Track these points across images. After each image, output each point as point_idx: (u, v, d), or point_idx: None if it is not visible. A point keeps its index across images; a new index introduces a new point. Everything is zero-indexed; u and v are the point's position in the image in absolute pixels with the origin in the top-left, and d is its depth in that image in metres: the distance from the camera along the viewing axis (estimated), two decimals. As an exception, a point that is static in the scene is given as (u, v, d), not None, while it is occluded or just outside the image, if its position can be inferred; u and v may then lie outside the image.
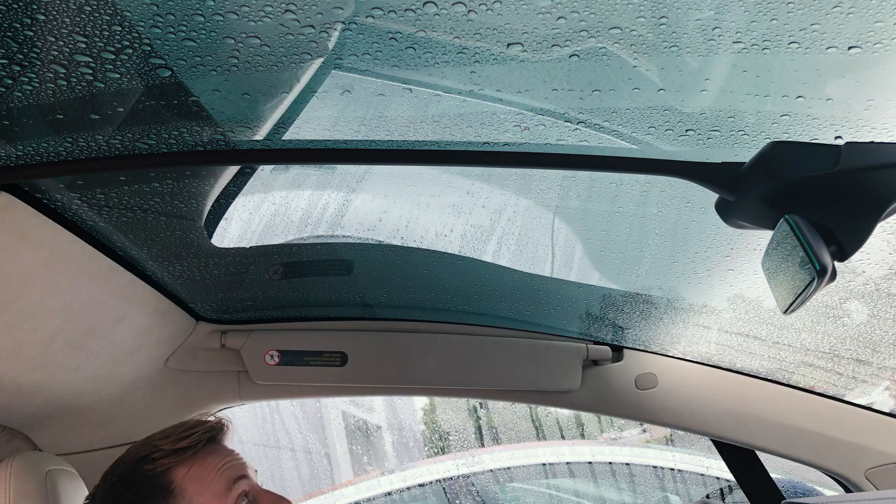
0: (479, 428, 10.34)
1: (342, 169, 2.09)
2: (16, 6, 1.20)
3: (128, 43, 1.33)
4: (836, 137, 1.66)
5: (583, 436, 10.21)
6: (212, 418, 2.12)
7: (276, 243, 2.42)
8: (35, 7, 1.22)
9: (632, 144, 1.79)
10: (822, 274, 1.36)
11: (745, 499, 2.96)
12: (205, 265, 2.43)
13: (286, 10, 1.28)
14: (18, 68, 1.36)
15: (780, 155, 1.47)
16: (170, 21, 1.29)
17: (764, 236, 1.57)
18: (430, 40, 1.43)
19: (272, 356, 2.81)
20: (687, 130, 1.70)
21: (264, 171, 2.08)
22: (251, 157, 1.85)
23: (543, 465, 7.57)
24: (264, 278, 2.63)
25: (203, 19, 1.29)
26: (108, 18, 1.26)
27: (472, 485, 7.31)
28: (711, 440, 2.92)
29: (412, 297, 2.84)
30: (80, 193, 1.87)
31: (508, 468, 7.50)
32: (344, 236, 2.40)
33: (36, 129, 1.56)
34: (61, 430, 2.71)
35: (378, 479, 7.49)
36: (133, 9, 1.26)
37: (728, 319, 2.70)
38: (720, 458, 2.99)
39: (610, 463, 7.50)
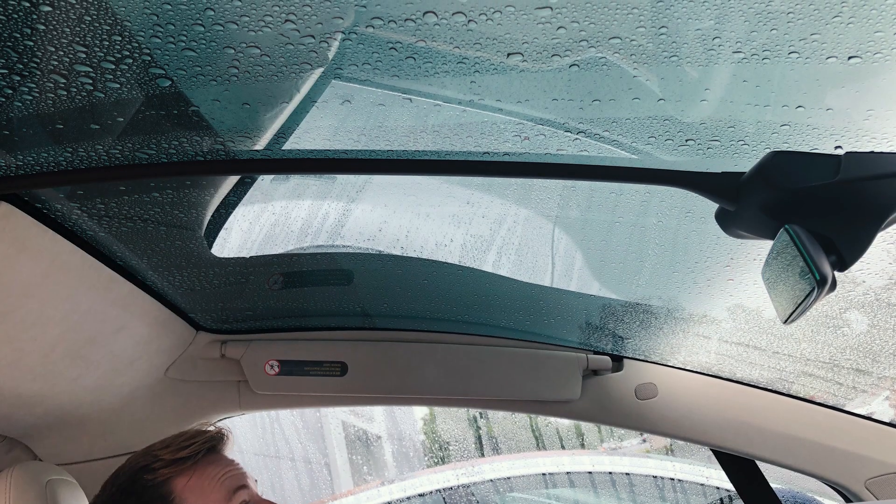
0: (479, 438, 10.34)
1: (342, 179, 2.09)
2: (16, 16, 1.21)
3: (128, 53, 1.33)
4: (836, 147, 1.66)
5: (583, 445, 10.21)
6: (212, 428, 2.12)
7: (276, 253, 2.42)
8: (35, 17, 1.22)
9: (632, 154, 1.79)
10: (822, 284, 1.36)
11: (746, 509, 2.96)
12: (205, 275, 2.43)
13: (286, 21, 1.29)
14: (18, 78, 1.36)
15: (780, 165, 1.47)
16: (170, 31, 1.29)
17: (764, 246, 1.57)
18: (430, 50, 1.43)
19: (272, 366, 2.81)
20: (687, 140, 1.70)
21: (264, 182, 2.08)
22: (251, 167, 1.85)
23: (543, 474, 7.57)
24: (264, 288, 2.63)
25: (203, 29, 1.29)
26: (108, 28, 1.27)
27: (473, 495, 7.30)
28: (711, 450, 2.92)
29: (412, 307, 2.84)
30: (80, 203, 1.87)
31: (508, 478, 7.49)
32: (344, 246, 2.40)
33: (36, 139, 1.56)
34: (61, 440, 2.71)
35: (378, 489, 7.49)
36: (133, 19, 1.26)
37: (728, 329, 2.70)
38: (720, 468, 2.98)
39: (610, 473, 7.49)
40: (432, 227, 2.30)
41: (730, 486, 2.99)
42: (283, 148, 1.74)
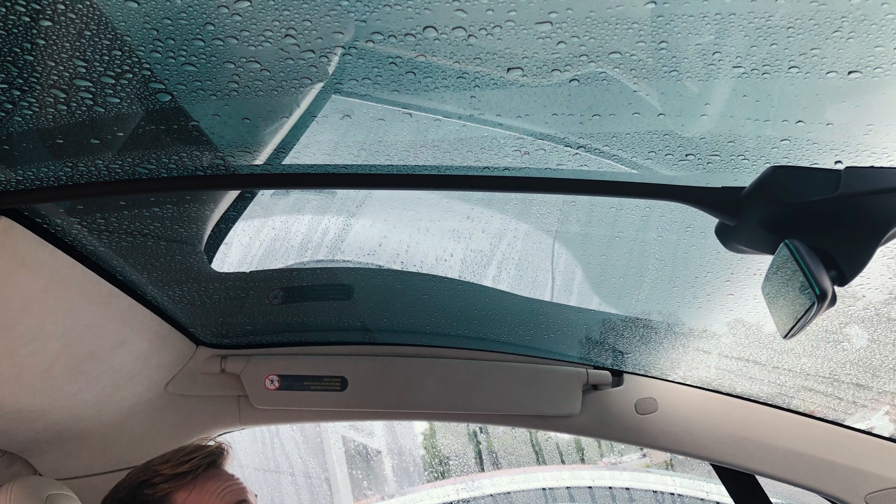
0: (479, 452, 10.33)
1: (342, 193, 2.09)
2: (16, 31, 1.21)
3: (128, 68, 1.33)
4: (836, 162, 1.66)
5: (583, 460, 10.21)
6: (212, 443, 2.12)
7: (276, 268, 2.42)
8: (35, 32, 1.22)
9: (632, 169, 1.79)
10: (822, 299, 1.36)
11: (746, 524, 2.95)
12: (205, 290, 2.43)
13: (286, 35, 1.29)
14: (18, 93, 1.36)
15: (781, 180, 1.47)
16: (170, 46, 1.29)
17: (764, 261, 1.56)
18: (430, 65, 1.43)
19: (272, 381, 2.80)
20: (687, 155, 1.70)
21: (264, 196, 2.08)
22: (251, 182, 1.85)
23: (543, 489, 7.58)
24: (264, 303, 2.62)
25: (203, 44, 1.29)
26: (108, 43, 1.27)
27: (472, 509, 7.31)
28: (711, 465, 2.91)
29: (412, 321, 2.84)
30: (79, 218, 1.87)
31: (508, 493, 7.50)
32: (344, 261, 2.40)
33: (36, 154, 1.56)
34: (61, 455, 2.71)
35: (378, 504, 7.49)
36: (133, 33, 1.27)
37: (728, 344, 2.70)
38: (720, 482, 2.97)
39: (610, 487, 7.50)
40: (432, 241, 2.30)
41: (730, 500, 2.98)
42: (283, 163, 1.74)
